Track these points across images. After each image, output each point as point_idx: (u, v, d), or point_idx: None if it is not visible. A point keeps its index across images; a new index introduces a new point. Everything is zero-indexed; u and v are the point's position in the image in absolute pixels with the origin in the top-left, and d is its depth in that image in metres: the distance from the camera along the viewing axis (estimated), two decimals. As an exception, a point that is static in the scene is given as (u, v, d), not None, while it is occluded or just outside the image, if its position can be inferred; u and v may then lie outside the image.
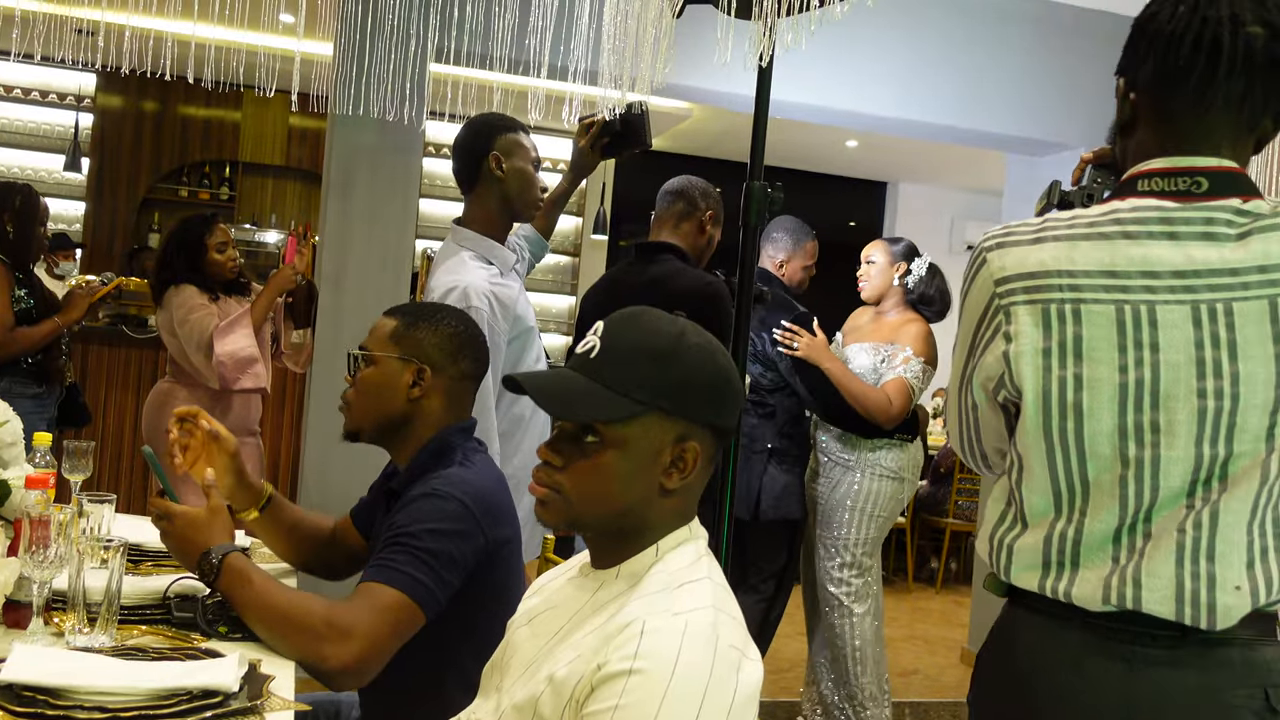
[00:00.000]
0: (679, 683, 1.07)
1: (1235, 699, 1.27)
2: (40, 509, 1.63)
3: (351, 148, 3.91)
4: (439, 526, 1.71)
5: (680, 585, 1.18)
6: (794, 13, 1.99)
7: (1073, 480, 1.32)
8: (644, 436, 1.22)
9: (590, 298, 3.27)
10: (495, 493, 1.85)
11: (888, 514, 3.63)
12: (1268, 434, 1.25)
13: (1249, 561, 1.27)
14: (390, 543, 1.71)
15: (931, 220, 9.21)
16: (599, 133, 2.83)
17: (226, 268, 3.77)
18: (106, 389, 5.43)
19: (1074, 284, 1.31)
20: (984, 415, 1.44)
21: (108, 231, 7.55)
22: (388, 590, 1.66)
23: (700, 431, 1.23)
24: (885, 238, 3.84)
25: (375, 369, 1.89)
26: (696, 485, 1.26)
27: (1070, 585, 1.32)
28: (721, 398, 1.25)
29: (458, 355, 1.91)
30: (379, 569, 1.68)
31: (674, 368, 1.22)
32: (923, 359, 3.59)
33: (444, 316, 1.95)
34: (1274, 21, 1.28)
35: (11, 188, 3.79)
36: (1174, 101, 1.34)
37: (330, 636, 1.60)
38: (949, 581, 6.71)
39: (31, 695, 1.35)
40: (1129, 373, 1.28)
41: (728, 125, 7.29)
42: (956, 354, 1.46)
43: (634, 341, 1.24)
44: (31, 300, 3.71)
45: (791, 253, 3.71)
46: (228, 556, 1.68)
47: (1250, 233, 1.27)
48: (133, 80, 7.14)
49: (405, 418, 1.88)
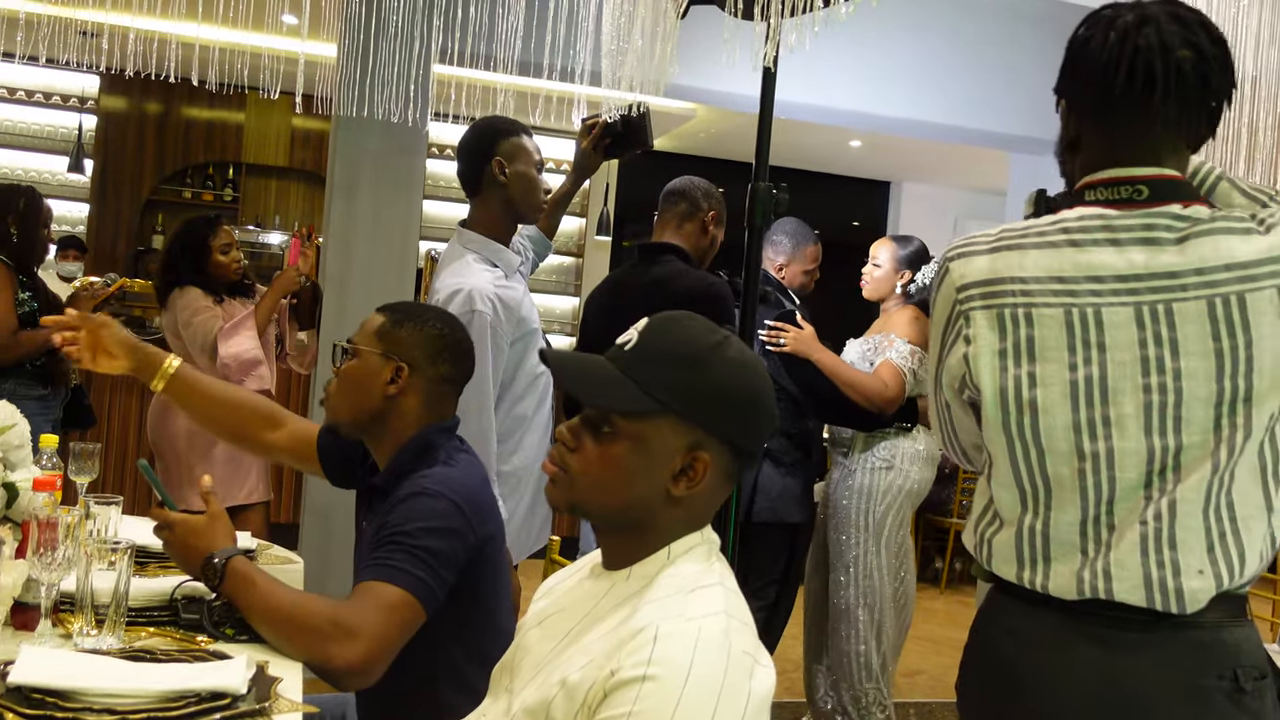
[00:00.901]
0: (692, 689, 1.07)
1: (1206, 680, 1.34)
2: (48, 511, 1.63)
3: (355, 149, 3.91)
4: (433, 524, 1.73)
5: (693, 590, 1.18)
6: (798, 13, 1.99)
7: (1034, 475, 1.40)
8: (656, 437, 1.22)
9: (593, 299, 3.28)
10: (481, 490, 1.87)
11: (885, 508, 3.53)
12: (1214, 425, 1.33)
13: (1209, 546, 1.34)
14: (386, 541, 1.72)
15: (935, 220, 9.19)
16: (601, 134, 2.84)
17: (231, 269, 3.77)
18: (111, 391, 5.43)
19: (1025, 289, 1.40)
20: (956, 414, 1.53)
21: (111, 233, 7.55)
22: (391, 588, 1.66)
23: (716, 445, 1.23)
24: (895, 236, 3.77)
25: (357, 362, 1.91)
26: (708, 498, 1.26)
27: (1045, 579, 1.40)
28: (744, 416, 1.24)
29: (437, 358, 1.92)
30: (379, 568, 1.69)
31: (700, 375, 1.22)
32: (908, 340, 3.52)
33: (430, 318, 1.96)
34: (1199, 44, 1.37)
35: (15, 190, 3.79)
36: (1113, 123, 1.44)
37: (336, 636, 1.61)
38: (954, 581, 6.70)
39: (40, 698, 1.35)
40: (1079, 370, 1.36)
41: (731, 125, 7.29)
42: (930, 357, 1.55)
43: (669, 343, 1.24)
44: (35, 303, 3.71)
45: (791, 256, 3.67)
46: (231, 561, 1.69)
47: (1188, 237, 1.35)
48: (136, 82, 7.11)
49: (380, 414, 1.89)
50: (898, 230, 9.23)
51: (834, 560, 3.61)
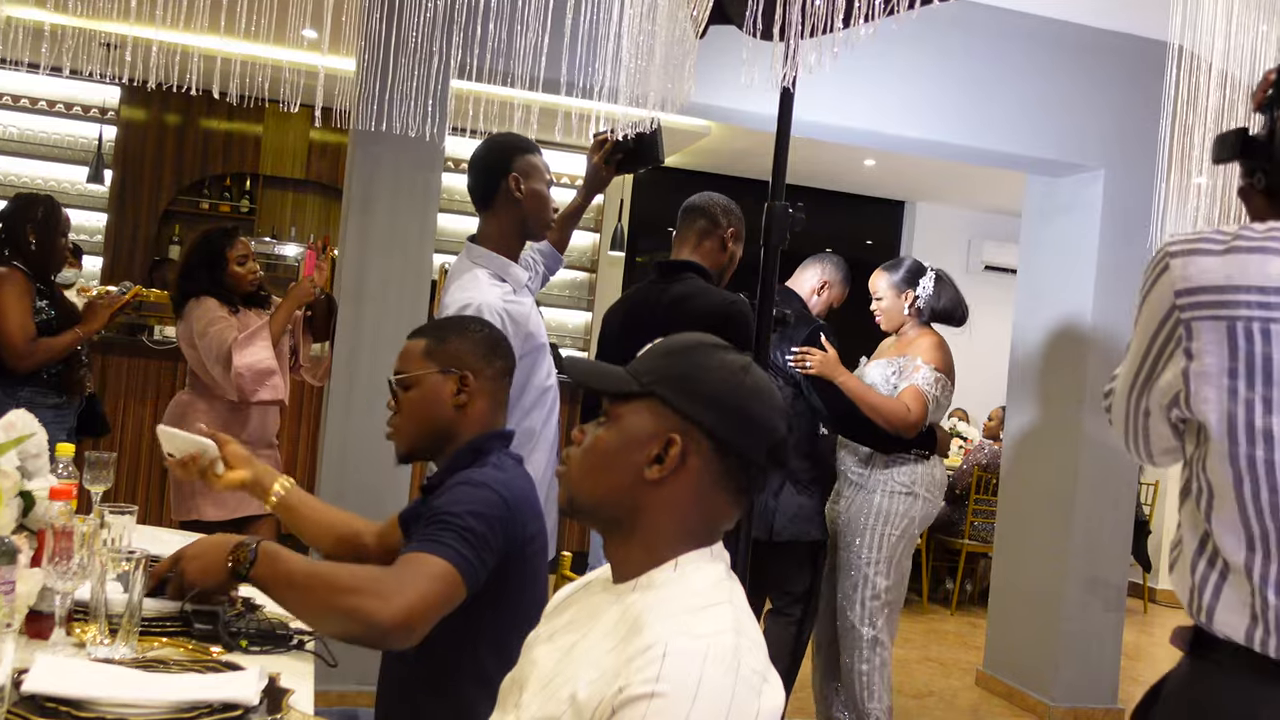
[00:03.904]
0: (700, 707, 1.07)
1: None
2: (64, 520, 1.64)
3: (373, 162, 3.93)
4: (479, 509, 1.76)
5: (702, 608, 1.18)
6: (817, 33, 2.00)
7: (1264, 517, 1.24)
8: (636, 419, 1.25)
9: (611, 317, 3.27)
10: (527, 492, 1.92)
11: (900, 532, 3.58)
12: None
13: None
14: (432, 520, 1.74)
15: (949, 240, 9.19)
16: (612, 149, 2.86)
17: (247, 280, 3.79)
18: (125, 400, 5.45)
19: (1265, 301, 1.23)
20: (1154, 424, 1.38)
21: (129, 243, 7.60)
22: (435, 559, 1.67)
23: (697, 435, 1.23)
24: (885, 264, 3.82)
25: (416, 390, 1.96)
26: (701, 502, 1.25)
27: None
28: (729, 410, 1.24)
29: (490, 356, 2.00)
30: (424, 541, 1.71)
31: (683, 362, 1.26)
32: (934, 366, 3.59)
33: (468, 324, 2.05)
34: None
35: (34, 199, 3.82)
36: None
37: (380, 592, 1.59)
38: (964, 603, 6.67)
39: (54, 706, 1.35)
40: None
41: (747, 143, 7.30)
42: (1130, 355, 1.40)
43: (669, 344, 1.30)
44: (53, 311, 3.74)
45: (831, 286, 3.84)
46: (260, 544, 1.70)
47: None
48: (156, 94, 7.19)
49: (452, 426, 1.95)
50: (911, 250, 9.23)
51: (841, 579, 3.63)
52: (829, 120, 4.26)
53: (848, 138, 4.56)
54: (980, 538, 6.41)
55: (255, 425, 3.72)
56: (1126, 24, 4.42)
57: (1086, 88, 4.52)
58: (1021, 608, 4.83)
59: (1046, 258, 4.93)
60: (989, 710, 4.70)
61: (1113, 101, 4.54)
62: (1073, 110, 4.53)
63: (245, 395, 3.61)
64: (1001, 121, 4.48)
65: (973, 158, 4.75)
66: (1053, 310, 4.82)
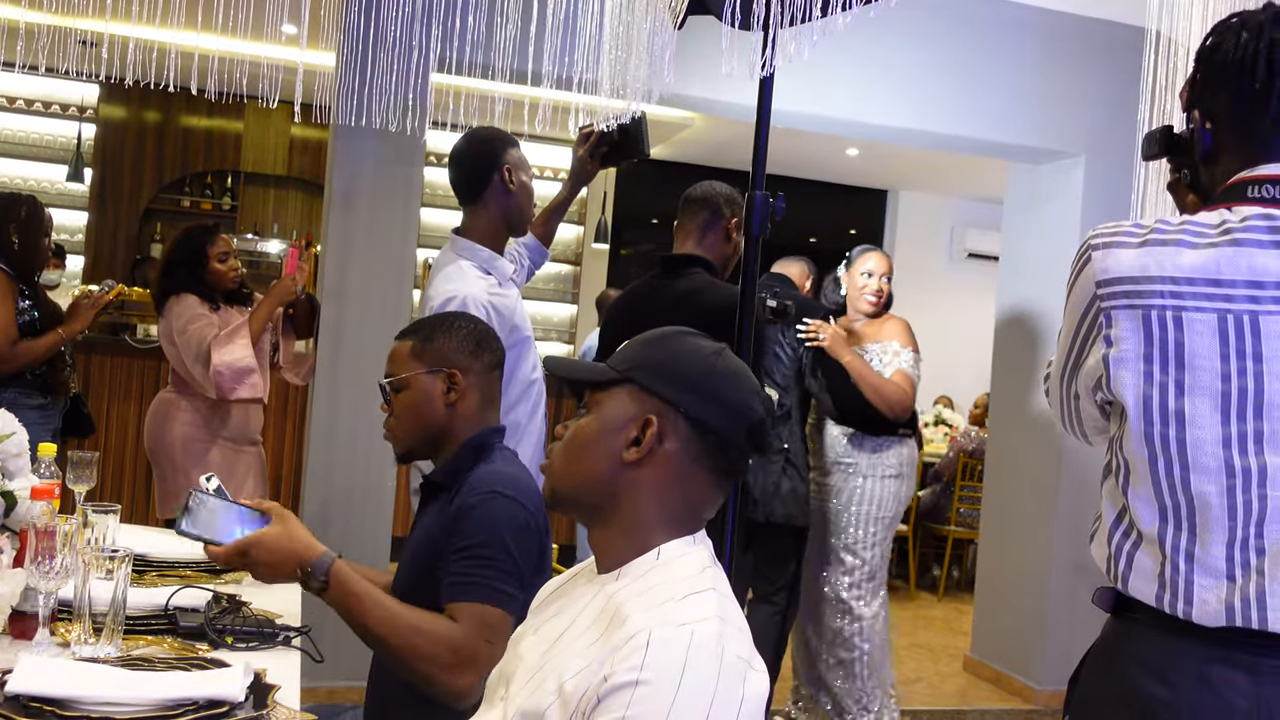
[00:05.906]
0: (685, 694, 1.07)
1: None
2: (45, 520, 1.63)
3: (354, 158, 3.92)
4: (514, 530, 1.79)
5: (685, 596, 1.18)
6: (796, 23, 1.99)
7: (1176, 491, 1.32)
8: (614, 405, 1.27)
9: (614, 313, 3.21)
10: (537, 488, 1.93)
11: (892, 514, 3.70)
12: None
13: None
14: (475, 557, 1.76)
15: (932, 228, 9.22)
16: (597, 142, 2.85)
17: (228, 277, 3.78)
18: (109, 399, 5.43)
19: (1176, 290, 1.31)
20: (1084, 406, 1.47)
21: (110, 242, 7.56)
22: (494, 611, 1.73)
23: (673, 416, 1.25)
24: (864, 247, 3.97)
25: (407, 391, 1.97)
26: (680, 485, 1.25)
27: (1189, 605, 1.31)
28: (703, 390, 1.25)
29: (478, 351, 2.00)
30: (479, 588, 1.74)
31: (658, 349, 1.29)
32: (911, 349, 3.72)
33: (454, 321, 2.04)
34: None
35: (16, 199, 3.80)
36: (1257, 124, 1.36)
37: (456, 665, 1.69)
38: (951, 589, 6.70)
39: (38, 706, 1.35)
40: (1231, 382, 1.28)
41: (729, 134, 7.30)
42: (1060, 342, 1.48)
43: (645, 335, 1.32)
44: (36, 312, 3.72)
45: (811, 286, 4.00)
46: (331, 570, 1.71)
47: None
48: (135, 91, 7.16)
49: (447, 424, 1.96)
50: (894, 239, 9.25)
51: (833, 563, 3.68)
52: (811, 110, 4.27)
53: (830, 127, 4.57)
54: (967, 524, 6.44)
55: (237, 422, 3.71)
56: (1105, 10, 4.43)
57: (1066, 75, 4.54)
58: (1008, 593, 4.86)
59: (1029, 244, 4.95)
60: (976, 694, 4.73)
61: (1092, 88, 4.55)
62: (1053, 97, 4.54)
63: (224, 393, 3.60)
64: (983, 109, 4.49)
65: (955, 146, 4.77)
66: (1035, 296, 4.84)
